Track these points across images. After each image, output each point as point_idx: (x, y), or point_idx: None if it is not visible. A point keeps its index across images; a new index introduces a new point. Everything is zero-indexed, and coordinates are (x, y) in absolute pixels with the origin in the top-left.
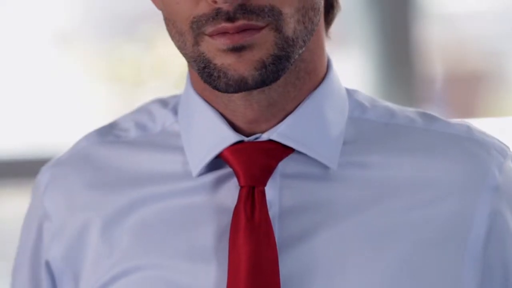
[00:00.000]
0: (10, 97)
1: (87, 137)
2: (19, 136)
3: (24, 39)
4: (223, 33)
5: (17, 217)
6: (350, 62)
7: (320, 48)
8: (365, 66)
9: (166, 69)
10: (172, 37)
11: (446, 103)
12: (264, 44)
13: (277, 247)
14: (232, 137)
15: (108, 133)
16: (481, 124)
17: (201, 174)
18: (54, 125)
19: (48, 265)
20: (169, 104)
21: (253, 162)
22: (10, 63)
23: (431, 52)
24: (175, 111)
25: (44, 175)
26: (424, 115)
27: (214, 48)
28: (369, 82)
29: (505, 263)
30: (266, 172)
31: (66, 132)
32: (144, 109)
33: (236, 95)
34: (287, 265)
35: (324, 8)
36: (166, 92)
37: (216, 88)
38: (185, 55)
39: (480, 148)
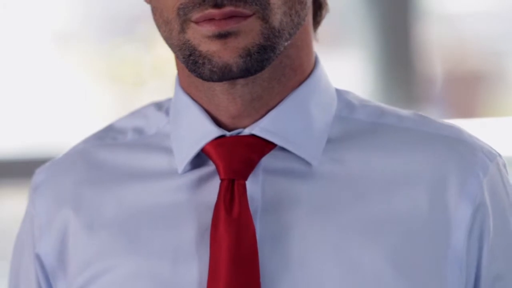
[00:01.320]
0: (10, 97)
1: (85, 140)
2: (19, 136)
3: (24, 39)
4: (209, 19)
5: (16, 217)
6: (350, 62)
7: (307, 45)
8: (365, 66)
9: (166, 69)
10: (159, 27)
11: (446, 103)
12: (250, 32)
13: (259, 241)
14: (214, 131)
15: (106, 136)
16: (481, 124)
17: (187, 171)
18: (54, 125)
19: (39, 258)
20: (164, 107)
21: (234, 156)
22: (10, 63)
23: (431, 52)
24: (168, 113)
25: (38, 176)
26: (416, 116)
27: (200, 35)
28: (369, 82)
29: (480, 254)
30: (248, 166)
31: (66, 132)
32: (140, 113)
33: (219, 88)
34: (268, 259)
35: (313, 9)
36: (166, 92)
37: (200, 76)
38: (171, 45)
39: (466, 149)
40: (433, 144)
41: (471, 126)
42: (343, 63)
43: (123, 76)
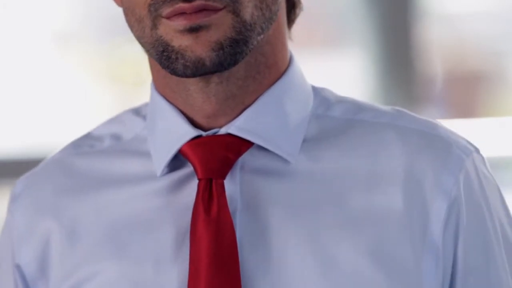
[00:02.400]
0: (10, 97)
1: (62, 149)
2: (18, 136)
3: (24, 39)
4: (180, 14)
5: None
6: (350, 62)
7: (281, 42)
8: (365, 66)
9: None
10: (132, 27)
11: (446, 103)
12: (221, 25)
13: (238, 240)
14: (190, 132)
15: (83, 144)
16: (481, 124)
17: (165, 174)
18: (54, 125)
19: (19, 268)
20: (141, 112)
21: (211, 156)
22: (10, 63)
23: (431, 52)
24: (145, 118)
25: (17, 186)
26: (394, 111)
27: (172, 29)
28: (369, 82)
29: (455, 247)
30: (225, 165)
31: (66, 132)
32: (117, 119)
33: (193, 87)
34: (248, 258)
35: (287, 7)
36: None
37: (174, 71)
38: (144, 43)
39: (441, 144)
40: (408, 139)
41: (471, 126)
42: (343, 63)
43: (123, 76)
